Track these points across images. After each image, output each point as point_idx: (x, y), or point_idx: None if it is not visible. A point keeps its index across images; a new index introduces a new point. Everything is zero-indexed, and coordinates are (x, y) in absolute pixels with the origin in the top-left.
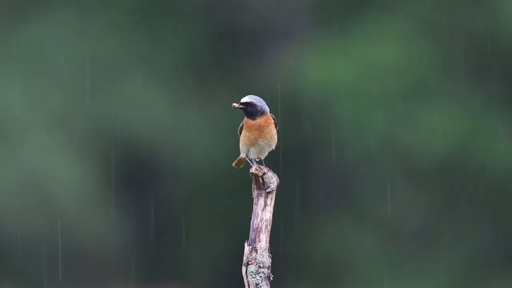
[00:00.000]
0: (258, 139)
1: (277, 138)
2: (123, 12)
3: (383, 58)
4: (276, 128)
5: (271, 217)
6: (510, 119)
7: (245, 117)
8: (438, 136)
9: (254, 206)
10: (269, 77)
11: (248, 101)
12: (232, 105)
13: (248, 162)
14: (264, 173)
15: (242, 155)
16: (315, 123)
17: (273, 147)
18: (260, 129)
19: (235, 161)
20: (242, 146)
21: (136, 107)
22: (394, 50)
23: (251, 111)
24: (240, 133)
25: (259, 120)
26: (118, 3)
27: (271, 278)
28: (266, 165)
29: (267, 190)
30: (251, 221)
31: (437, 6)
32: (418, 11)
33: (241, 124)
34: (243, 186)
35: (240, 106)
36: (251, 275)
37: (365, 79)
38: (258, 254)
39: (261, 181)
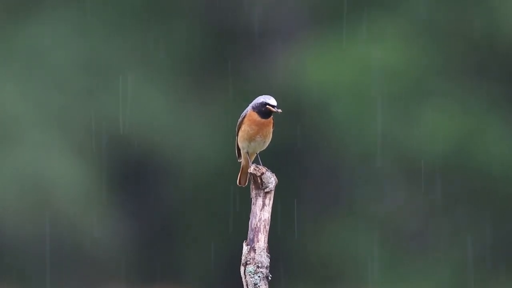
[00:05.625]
0: (256, 135)
1: (274, 137)
2: (122, 12)
3: (383, 58)
4: (272, 128)
5: (270, 217)
6: (510, 119)
7: (249, 111)
8: (438, 136)
9: (253, 206)
10: (269, 77)
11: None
12: (278, 110)
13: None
14: (263, 173)
15: (243, 153)
16: (314, 123)
17: (267, 145)
18: (260, 126)
19: (238, 177)
20: (241, 143)
21: (135, 107)
22: (394, 50)
23: (271, 113)
24: (238, 130)
25: (265, 120)
26: (117, 2)
27: (270, 278)
28: (265, 165)
29: (265, 190)
30: (250, 221)
31: (436, 6)
32: (417, 11)
33: (240, 119)
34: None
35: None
36: (249, 275)
37: (365, 79)
38: (257, 254)
39: (259, 181)
